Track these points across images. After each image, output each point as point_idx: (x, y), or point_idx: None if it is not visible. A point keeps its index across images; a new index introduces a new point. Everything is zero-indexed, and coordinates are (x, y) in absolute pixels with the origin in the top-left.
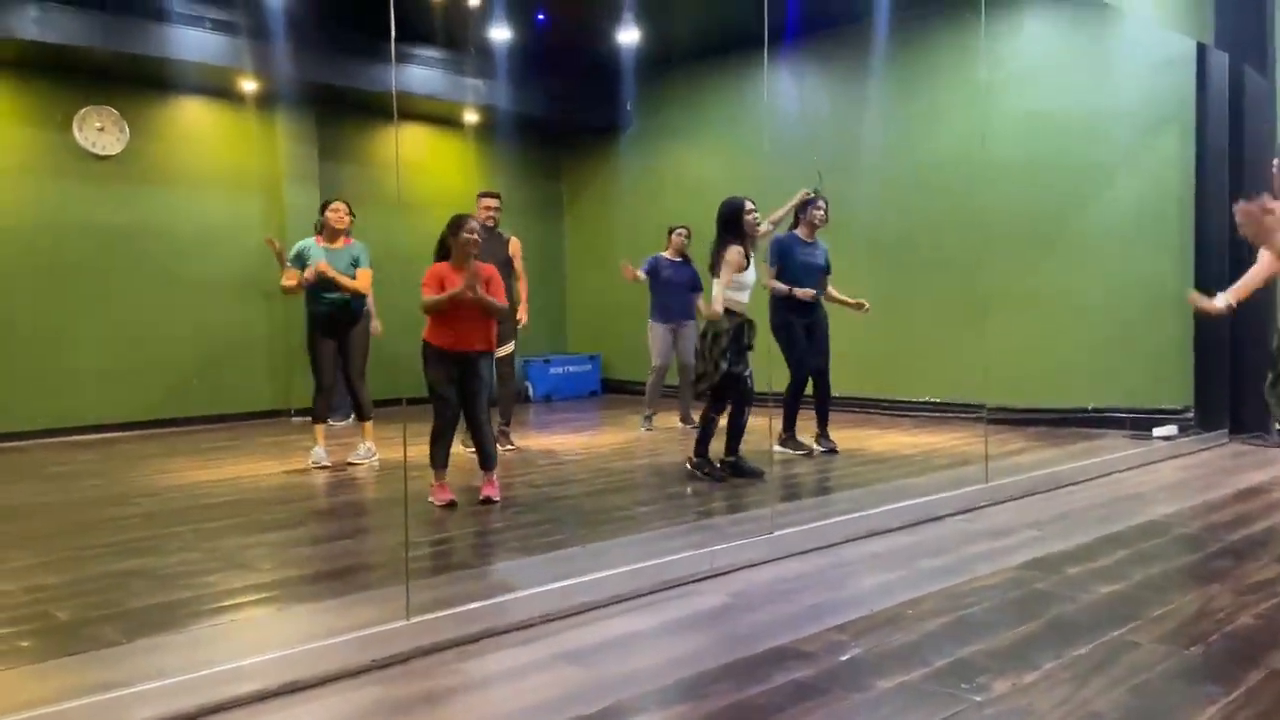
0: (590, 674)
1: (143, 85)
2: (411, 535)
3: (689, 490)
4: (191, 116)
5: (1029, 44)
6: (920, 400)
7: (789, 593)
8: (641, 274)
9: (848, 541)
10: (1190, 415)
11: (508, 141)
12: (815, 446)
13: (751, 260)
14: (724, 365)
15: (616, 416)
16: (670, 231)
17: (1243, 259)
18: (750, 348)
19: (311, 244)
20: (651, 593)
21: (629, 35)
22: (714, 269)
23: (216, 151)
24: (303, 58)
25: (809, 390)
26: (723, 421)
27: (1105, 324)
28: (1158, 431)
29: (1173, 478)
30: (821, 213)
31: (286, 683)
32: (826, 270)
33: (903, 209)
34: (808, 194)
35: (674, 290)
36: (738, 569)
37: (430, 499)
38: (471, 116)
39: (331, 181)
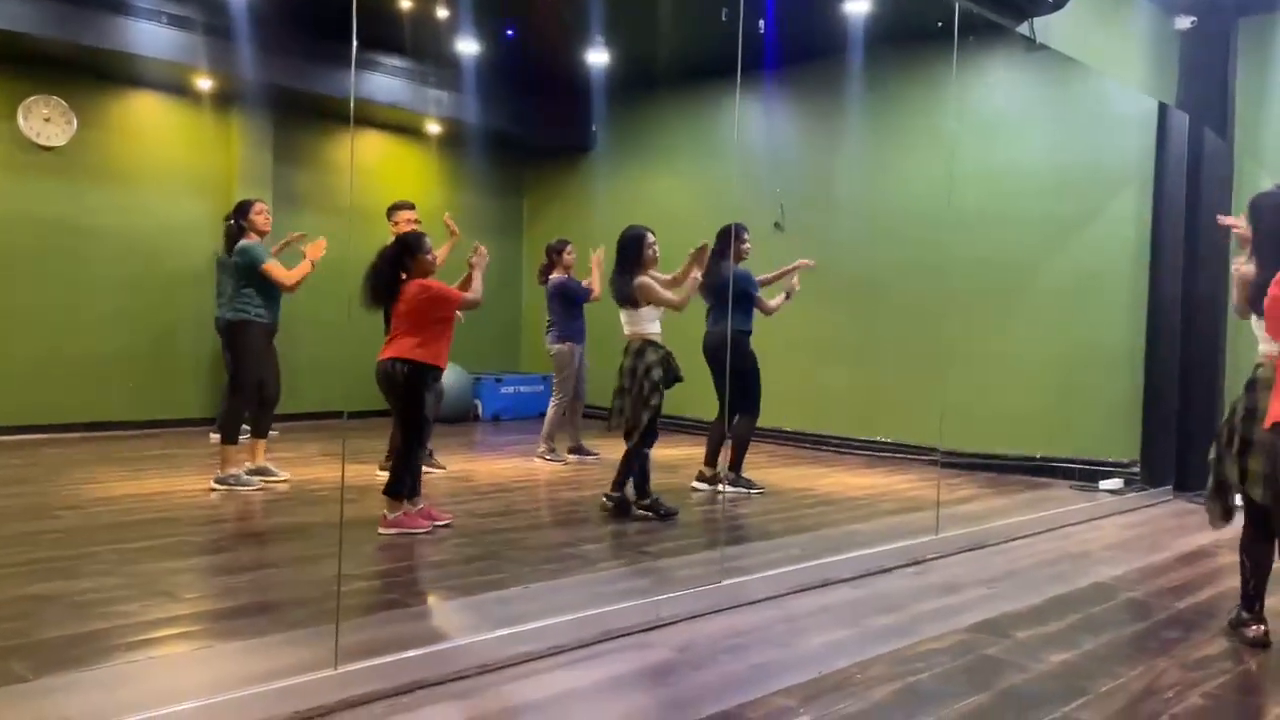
0: None
1: (94, 77)
2: (347, 568)
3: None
4: (143, 112)
5: (996, 94)
6: (872, 440)
7: (736, 649)
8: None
9: (797, 592)
10: (1136, 470)
11: (470, 155)
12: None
13: None
14: (655, 400)
15: (566, 440)
16: (559, 250)
17: (1193, 318)
18: (680, 379)
19: (257, 244)
20: (595, 643)
21: (598, 56)
22: (626, 300)
23: (167, 149)
24: (262, 58)
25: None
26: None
27: (1058, 375)
28: (1104, 484)
29: (1119, 536)
30: (748, 245)
31: None
32: None
33: (866, 248)
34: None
35: (580, 311)
36: (685, 619)
37: (402, 530)
38: (434, 128)
39: (286, 186)
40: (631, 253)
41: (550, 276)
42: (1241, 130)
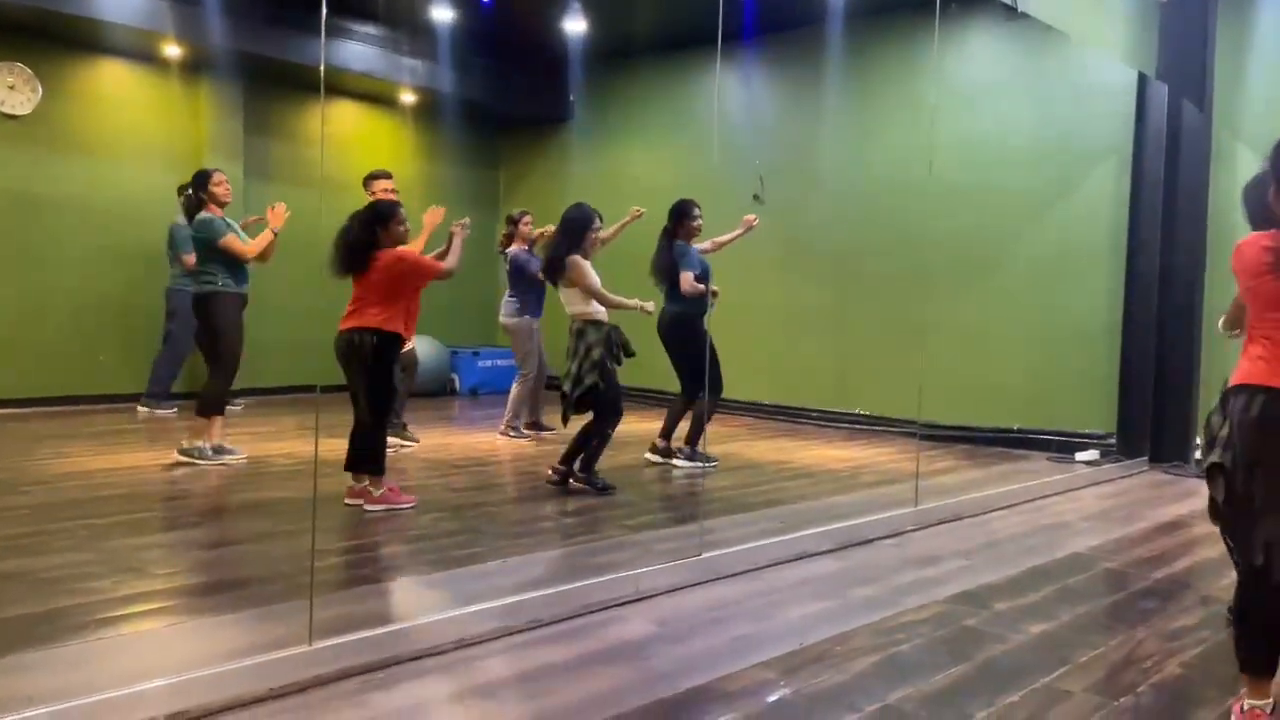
0: (502, 712)
1: (59, 43)
2: (320, 543)
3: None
4: (110, 79)
5: (974, 65)
6: (851, 412)
7: (716, 622)
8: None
9: (777, 564)
10: (1112, 442)
11: (445, 125)
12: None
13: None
14: (594, 378)
15: (545, 414)
16: (516, 220)
17: (1169, 292)
18: (630, 354)
19: (215, 215)
20: (574, 617)
21: (576, 25)
22: (557, 278)
23: (135, 118)
24: (232, 25)
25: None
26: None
27: (1035, 348)
28: (1080, 456)
29: (1095, 506)
30: (698, 223)
31: (174, 713)
32: None
33: (845, 222)
34: (638, 211)
35: (539, 284)
36: (664, 592)
37: (390, 507)
38: (408, 97)
39: (257, 156)
40: (575, 234)
41: (509, 249)
42: (1220, 103)
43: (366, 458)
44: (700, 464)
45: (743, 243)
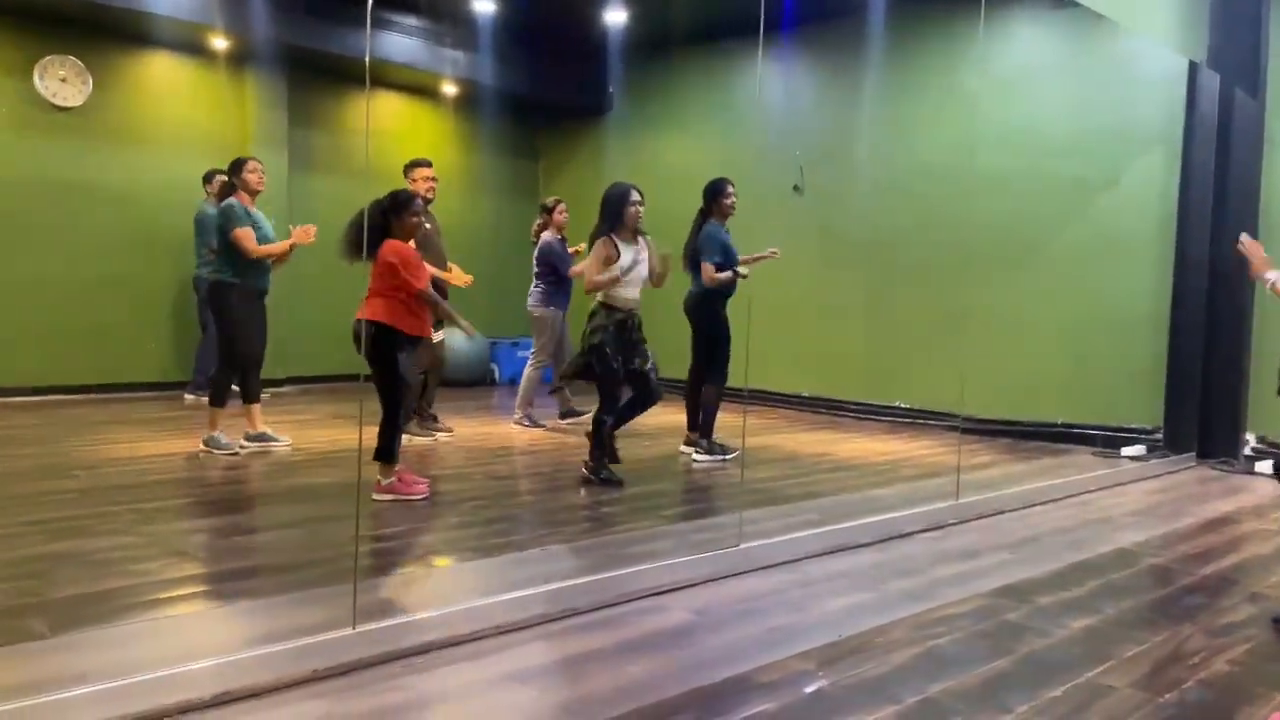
0: (542, 699)
1: (109, 37)
2: (362, 529)
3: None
4: (158, 72)
5: (1020, 53)
6: (891, 405)
7: (754, 612)
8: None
9: (815, 556)
10: (1159, 436)
11: (485, 116)
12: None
13: (635, 253)
14: (585, 358)
15: (582, 403)
16: (551, 209)
17: (1219, 283)
18: (635, 343)
19: (239, 206)
20: (612, 605)
21: (616, 17)
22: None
23: (182, 109)
24: (277, 18)
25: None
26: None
27: (1080, 340)
28: (1126, 451)
29: (1141, 502)
30: (731, 201)
31: (220, 693)
32: None
33: (886, 212)
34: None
35: (567, 275)
36: (702, 582)
37: (397, 496)
38: (450, 88)
39: (301, 147)
40: (610, 211)
41: (542, 236)
42: (1274, 90)
43: (377, 446)
44: (718, 456)
45: (783, 233)
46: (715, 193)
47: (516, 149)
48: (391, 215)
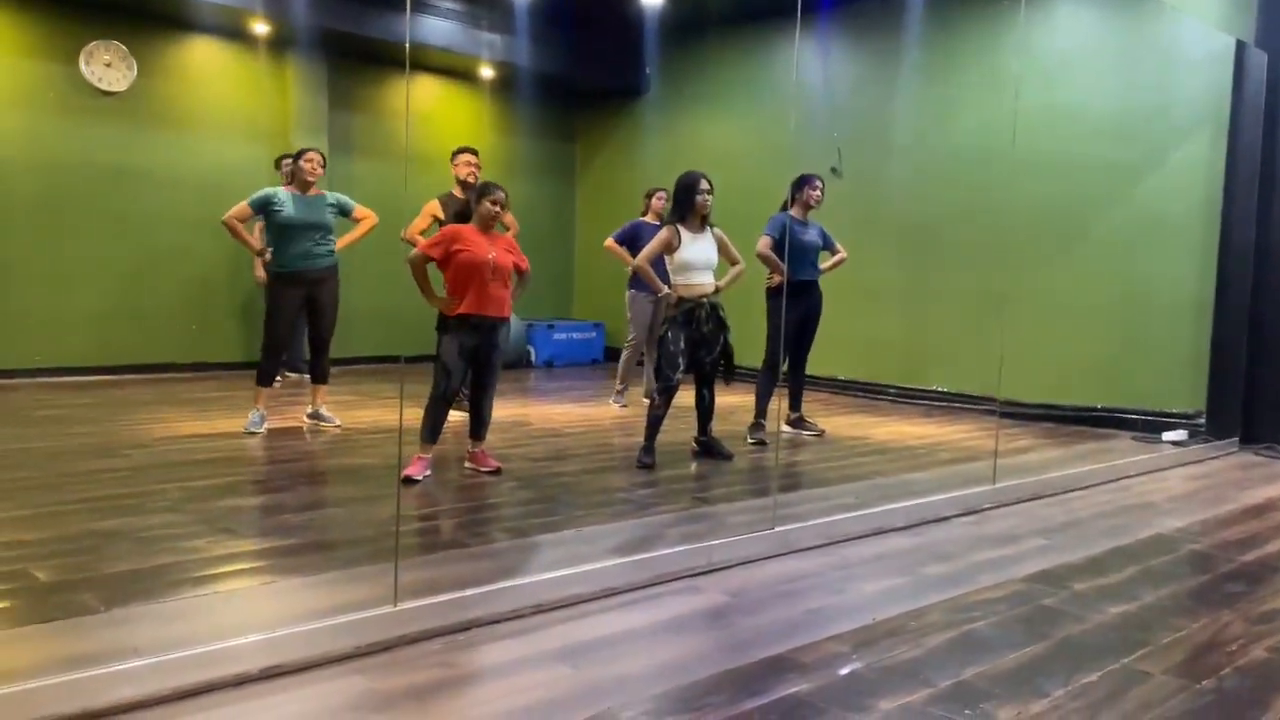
0: (580, 676)
1: (152, 22)
2: (404, 509)
3: (692, 467)
4: (201, 57)
5: (1062, 34)
6: (929, 389)
7: (789, 594)
8: (617, 245)
9: (851, 540)
10: (1201, 421)
11: (522, 98)
12: (788, 430)
13: (699, 243)
14: (672, 350)
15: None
16: (650, 195)
17: (1265, 267)
18: (704, 335)
19: (281, 192)
20: (648, 586)
21: None
22: None
23: (224, 94)
24: (317, 2)
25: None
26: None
27: (1121, 324)
28: (1167, 436)
29: (1182, 487)
30: (818, 193)
31: (268, 667)
32: (824, 247)
33: (924, 195)
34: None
35: (656, 259)
36: (738, 564)
37: (406, 473)
38: (487, 71)
39: (341, 131)
40: (679, 200)
41: (642, 218)
42: None
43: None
44: (753, 440)
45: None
46: (794, 185)
47: (554, 131)
48: (474, 202)
